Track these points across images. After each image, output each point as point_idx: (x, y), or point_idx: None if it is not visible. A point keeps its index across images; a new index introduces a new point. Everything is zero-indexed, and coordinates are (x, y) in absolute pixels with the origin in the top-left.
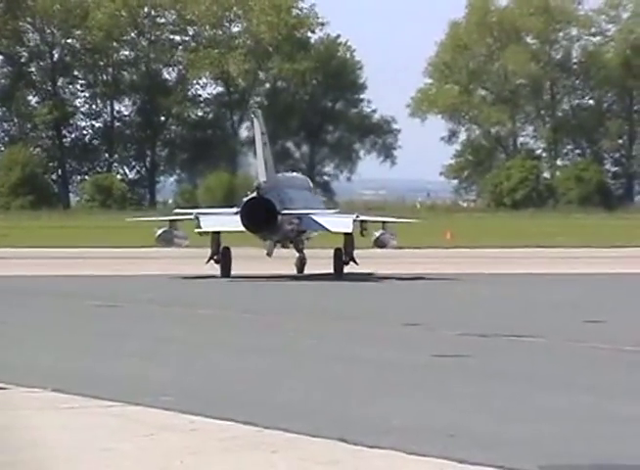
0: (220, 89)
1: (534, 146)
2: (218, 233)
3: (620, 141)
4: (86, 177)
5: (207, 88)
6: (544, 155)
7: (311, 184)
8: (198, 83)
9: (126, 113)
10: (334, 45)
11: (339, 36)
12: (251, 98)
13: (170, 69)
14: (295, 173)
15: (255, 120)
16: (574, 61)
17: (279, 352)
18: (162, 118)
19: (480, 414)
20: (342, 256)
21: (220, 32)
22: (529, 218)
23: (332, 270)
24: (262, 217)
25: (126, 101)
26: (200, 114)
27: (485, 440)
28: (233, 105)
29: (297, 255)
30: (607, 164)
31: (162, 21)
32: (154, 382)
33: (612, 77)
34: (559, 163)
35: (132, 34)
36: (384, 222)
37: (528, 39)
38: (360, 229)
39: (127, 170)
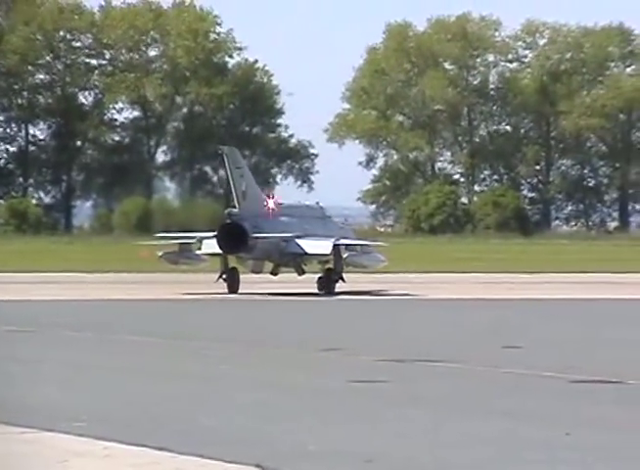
0: (137, 113)
1: (452, 171)
2: (225, 255)
3: (537, 167)
4: (1, 201)
5: (124, 112)
6: (462, 180)
7: (325, 213)
8: (114, 107)
9: (42, 137)
10: (251, 70)
11: (256, 61)
12: (167, 122)
13: (86, 92)
14: (307, 203)
15: (225, 158)
16: (492, 87)
17: (196, 378)
18: (79, 143)
19: (396, 440)
20: (332, 275)
21: (137, 56)
22: (447, 244)
23: (327, 289)
24: (234, 240)
25: (42, 125)
26: (116, 138)
27: (402, 465)
28: (150, 129)
29: (335, 275)
30: (524, 189)
31: (78, 44)
32: (68, 408)
33: (528, 103)
34: (476, 188)
35: (48, 58)
36: (361, 245)
37: (446, 65)
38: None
39: (43, 195)
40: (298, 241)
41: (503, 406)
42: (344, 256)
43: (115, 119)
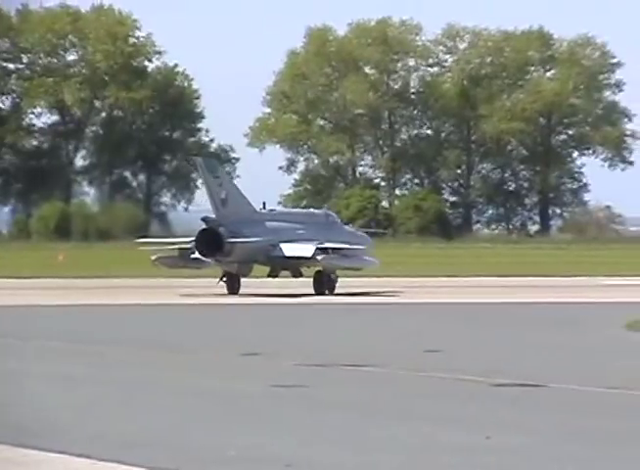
0: (55, 118)
1: (373, 175)
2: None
3: (458, 171)
4: None
5: (42, 117)
6: (383, 184)
7: (332, 219)
8: (32, 112)
9: None
10: (171, 74)
11: (176, 65)
12: (86, 127)
13: (4, 97)
14: (312, 210)
15: (199, 168)
16: (412, 91)
17: (116, 382)
18: None
19: (316, 444)
20: (322, 277)
21: (55, 61)
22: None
23: (319, 290)
24: (210, 245)
25: None
26: (34, 143)
27: (322, 469)
28: (68, 134)
29: (325, 277)
30: (445, 193)
31: None
32: None
33: (449, 107)
34: (397, 192)
35: None
36: (341, 249)
37: (367, 69)
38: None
39: None
40: (282, 245)
41: (424, 410)
42: (319, 258)
43: (34, 124)
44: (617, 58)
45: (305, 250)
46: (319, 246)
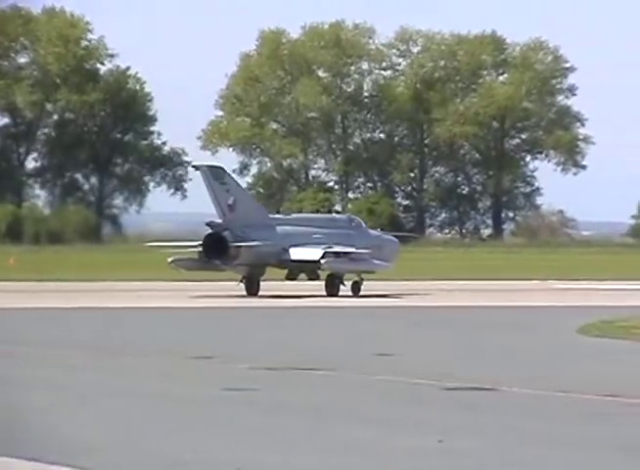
0: (6, 120)
1: (326, 179)
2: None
3: (412, 174)
4: None
5: None
6: (336, 188)
7: (355, 223)
8: None
9: None
10: (123, 77)
11: (128, 68)
12: (38, 129)
13: None
14: (334, 215)
15: (202, 175)
16: (366, 94)
17: (66, 387)
18: None
19: (268, 447)
20: (335, 280)
21: (6, 63)
22: None
23: (330, 292)
24: (216, 249)
25: None
26: None
27: None
28: (19, 136)
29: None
30: (398, 197)
31: None
32: None
33: (403, 111)
34: (351, 195)
35: None
36: (348, 253)
37: (320, 72)
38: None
39: None
40: (291, 249)
41: (376, 414)
42: (323, 262)
43: None
44: (569, 62)
45: (313, 253)
46: (327, 250)
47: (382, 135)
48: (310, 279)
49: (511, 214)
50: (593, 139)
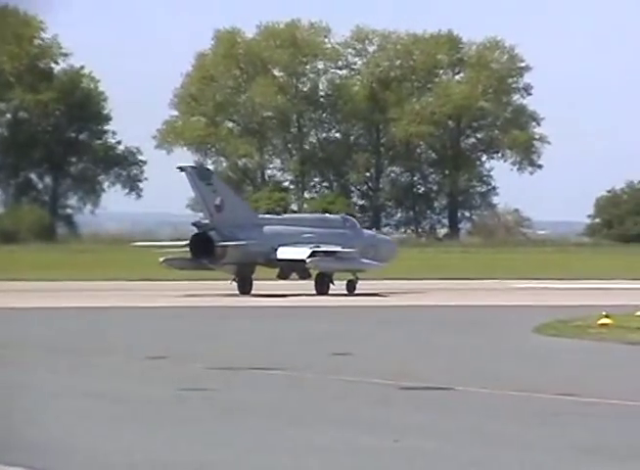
0: None
1: (282, 178)
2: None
3: (367, 174)
4: None
5: None
6: (292, 187)
7: (350, 223)
8: None
9: None
10: (77, 76)
11: (82, 67)
12: None
13: None
14: (327, 215)
15: (187, 176)
16: (322, 94)
17: (17, 387)
18: None
19: (224, 448)
20: (324, 278)
21: None
22: None
23: (320, 291)
24: (202, 248)
25: None
26: None
27: None
28: None
29: (349, 278)
30: (354, 196)
31: None
32: None
33: (358, 110)
34: (306, 195)
35: None
36: (335, 252)
37: (276, 72)
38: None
39: None
40: (280, 248)
41: (332, 414)
42: (308, 261)
43: None
44: (525, 61)
45: (299, 253)
46: (315, 249)
47: (337, 135)
48: (302, 278)
49: (467, 214)
50: (549, 138)
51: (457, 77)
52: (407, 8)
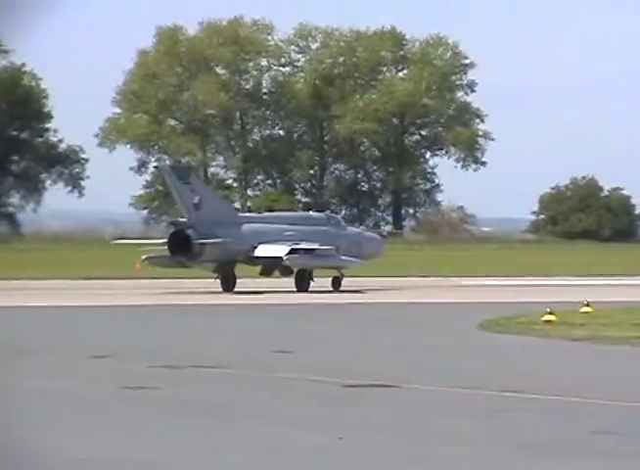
0: None
1: (225, 176)
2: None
3: (311, 171)
4: None
5: None
6: (235, 185)
7: (334, 221)
8: None
9: None
10: (18, 73)
11: (24, 65)
12: None
13: None
14: (311, 213)
15: (165, 175)
16: (265, 91)
17: None
18: None
19: (167, 447)
20: (304, 275)
21: None
22: None
23: (300, 288)
24: (180, 247)
25: None
26: None
27: None
28: None
29: (334, 275)
30: (298, 194)
31: None
32: None
33: (302, 108)
34: (250, 193)
35: None
36: (313, 249)
37: (218, 69)
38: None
39: None
40: (260, 246)
41: (276, 412)
42: (285, 258)
43: None
44: (469, 58)
45: (277, 250)
46: (294, 247)
47: (281, 132)
48: (284, 275)
49: (411, 211)
50: (492, 135)
51: (401, 74)
52: (350, 5)
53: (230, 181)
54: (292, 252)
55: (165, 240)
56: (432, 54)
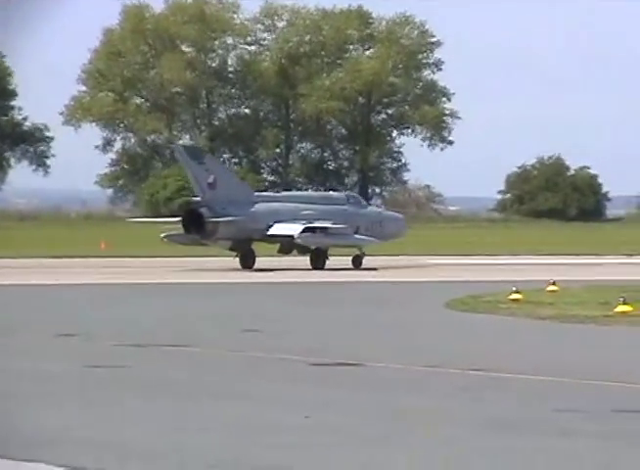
0: None
1: None
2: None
3: (277, 150)
4: None
5: None
6: None
7: (354, 200)
8: None
9: None
10: None
11: None
12: None
13: None
14: (331, 192)
15: (177, 155)
16: (231, 69)
17: None
18: None
19: (133, 425)
20: (319, 253)
21: None
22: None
23: (315, 266)
24: (194, 225)
25: None
26: None
27: (141, 450)
28: None
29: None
30: (264, 172)
31: None
32: None
33: (268, 86)
34: None
35: None
36: (326, 228)
37: (184, 47)
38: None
39: None
40: (275, 225)
41: (243, 390)
42: (296, 236)
43: None
44: (435, 37)
45: (290, 229)
46: (308, 225)
47: (247, 111)
48: (302, 253)
49: (378, 190)
50: (459, 114)
51: (367, 53)
52: None
53: None
54: (305, 230)
55: (179, 218)
56: (398, 32)
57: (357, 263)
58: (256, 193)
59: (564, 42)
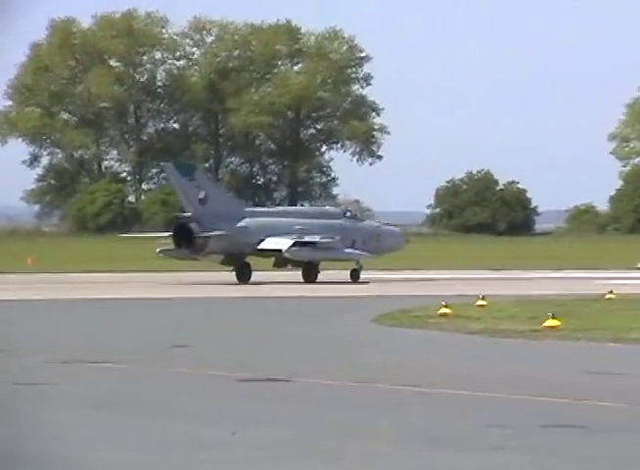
0: None
1: (119, 169)
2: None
3: (207, 164)
4: None
5: None
6: (129, 178)
7: (350, 215)
8: None
9: None
10: None
11: None
12: None
13: None
14: (327, 207)
15: (169, 173)
16: (159, 84)
17: None
18: None
19: (59, 442)
20: (311, 267)
21: None
22: (116, 242)
23: (307, 279)
24: (184, 239)
25: None
26: None
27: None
28: None
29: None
30: None
31: None
32: None
33: (197, 101)
34: (144, 186)
35: None
36: (315, 242)
37: (112, 62)
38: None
39: None
40: (267, 239)
41: (169, 407)
42: (284, 250)
43: None
44: (364, 52)
45: (280, 243)
46: (297, 240)
47: (176, 125)
48: (295, 267)
49: (307, 205)
50: (388, 129)
51: (296, 68)
52: None
53: (124, 175)
54: (295, 245)
55: (170, 234)
56: (327, 47)
57: (355, 277)
58: (250, 208)
59: (490, 56)
